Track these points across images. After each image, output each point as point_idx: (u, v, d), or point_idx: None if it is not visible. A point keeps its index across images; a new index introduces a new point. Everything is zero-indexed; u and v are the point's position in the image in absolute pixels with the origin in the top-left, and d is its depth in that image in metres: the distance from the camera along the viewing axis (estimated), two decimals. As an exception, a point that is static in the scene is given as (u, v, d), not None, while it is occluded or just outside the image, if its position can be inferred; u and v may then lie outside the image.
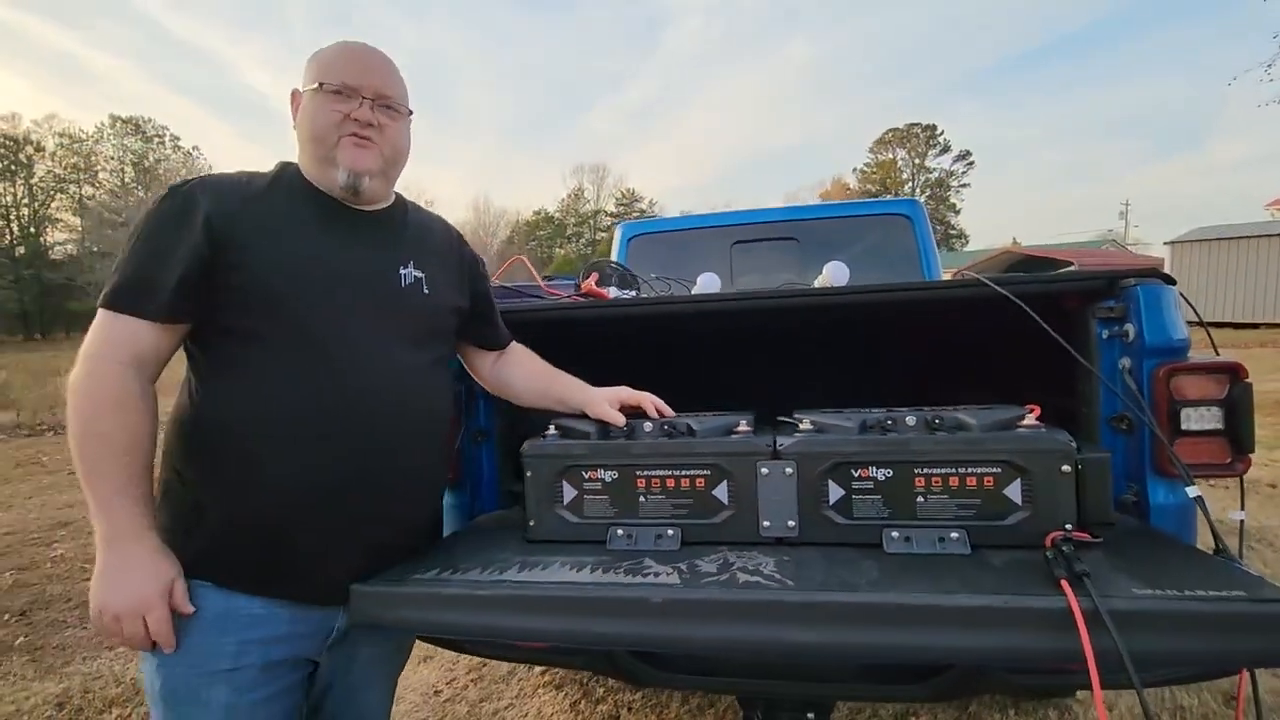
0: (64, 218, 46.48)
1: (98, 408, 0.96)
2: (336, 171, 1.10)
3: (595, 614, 0.97)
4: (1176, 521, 1.22)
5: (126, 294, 0.98)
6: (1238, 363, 1.21)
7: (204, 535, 1.02)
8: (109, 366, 0.97)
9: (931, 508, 1.12)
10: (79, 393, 0.96)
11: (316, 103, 1.10)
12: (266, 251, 1.03)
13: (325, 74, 1.10)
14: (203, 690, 1.00)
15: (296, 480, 1.02)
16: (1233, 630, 0.82)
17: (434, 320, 1.21)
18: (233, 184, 1.08)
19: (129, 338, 0.98)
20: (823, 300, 1.43)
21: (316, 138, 1.10)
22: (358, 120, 1.09)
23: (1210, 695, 2.15)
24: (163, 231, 1.01)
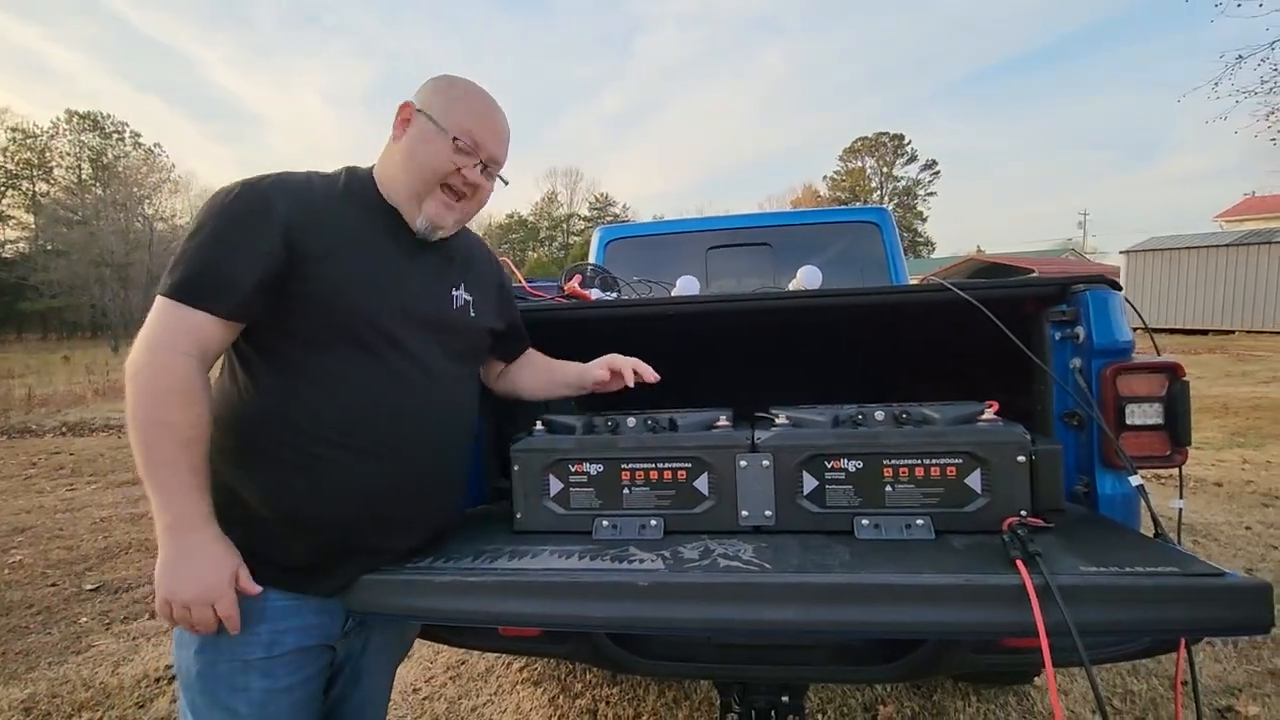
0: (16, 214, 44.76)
1: (162, 397, 0.95)
2: (419, 216, 1.11)
3: (585, 597, 1.02)
4: (1123, 510, 1.31)
5: (197, 287, 0.97)
6: (1176, 362, 1.31)
7: (242, 533, 1.02)
8: (173, 357, 0.96)
9: (899, 496, 1.19)
10: (142, 381, 0.95)
11: (438, 145, 1.09)
12: (342, 264, 1.04)
13: (456, 122, 1.09)
14: (239, 678, 1.03)
15: (355, 485, 1.05)
16: (1167, 601, 0.90)
17: (476, 340, 1.25)
18: (306, 188, 1.07)
19: (195, 330, 0.97)
20: (798, 303, 1.50)
21: (421, 175, 1.09)
22: (465, 179, 1.11)
23: (1158, 681, 2.27)
24: (237, 228, 1.00)
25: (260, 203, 1.01)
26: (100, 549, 4.03)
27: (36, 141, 44.40)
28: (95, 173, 43.65)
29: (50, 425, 9.09)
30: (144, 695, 2.37)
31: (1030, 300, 1.45)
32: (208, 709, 1.04)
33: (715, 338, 1.36)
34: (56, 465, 6.59)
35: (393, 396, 1.07)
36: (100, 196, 38.73)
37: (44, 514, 4.85)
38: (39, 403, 10.93)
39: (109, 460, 6.78)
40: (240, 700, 1.03)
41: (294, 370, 1.04)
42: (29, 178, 44.38)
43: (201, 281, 0.97)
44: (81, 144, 44.97)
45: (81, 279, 32.40)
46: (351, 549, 1.08)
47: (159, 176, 41.35)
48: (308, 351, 1.03)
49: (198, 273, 0.98)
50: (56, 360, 19.85)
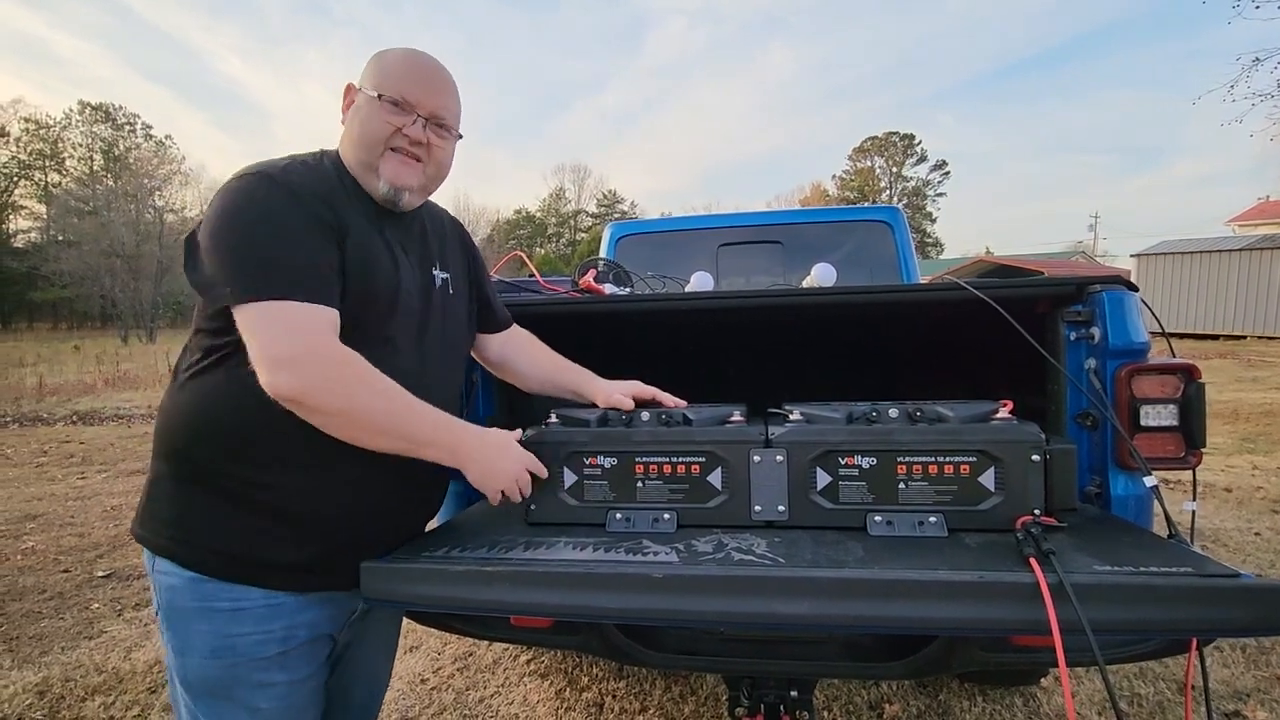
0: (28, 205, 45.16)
1: (351, 375, 0.95)
2: (378, 182, 1.10)
3: (600, 588, 1.02)
4: (1135, 511, 1.32)
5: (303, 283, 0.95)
6: (1192, 364, 1.31)
7: (247, 537, 1.01)
8: (322, 340, 0.94)
9: (912, 494, 1.19)
10: (321, 378, 0.93)
11: (371, 110, 1.08)
12: (364, 253, 1.04)
13: (386, 83, 1.08)
14: (260, 674, 1.03)
15: (361, 479, 1.06)
16: (1181, 601, 0.91)
17: (458, 316, 1.26)
18: (320, 179, 1.06)
19: (318, 317, 0.95)
20: (813, 300, 1.50)
21: (365, 144, 1.09)
22: (408, 137, 1.09)
23: (1165, 685, 2.27)
24: (300, 221, 0.98)
25: (288, 191, 1.00)
26: (111, 536, 4.07)
27: (49, 132, 44.76)
28: (107, 164, 43.96)
29: (61, 414, 9.18)
30: (156, 680, 2.40)
31: (1045, 300, 1.45)
32: (224, 711, 1.04)
33: (730, 334, 1.36)
34: (67, 454, 6.65)
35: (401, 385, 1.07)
36: (111, 188, 38.96)
37: (55, 501, 4.90)
38: (50, 391, 11.03)
39: (119, 449, 6.85)
40: (262, 696, 1.04)
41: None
42: (41, 168, 44.78)
43: (299, 275, 0.95)
44: (93, 135, 45.32)
45: (92, 269, 32.59)
46: (358, 543, 1.08)
47: (170, 168, 41.55)
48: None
49: (299, 267, 0.96)
50: (67, 349, 20.01)
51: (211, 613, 1.02)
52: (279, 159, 1.07)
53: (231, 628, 1.02)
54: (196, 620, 1.02)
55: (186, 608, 1.02)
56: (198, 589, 1.01)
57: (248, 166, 1.04)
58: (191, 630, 1.03)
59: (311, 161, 1.10)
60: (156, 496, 1.06)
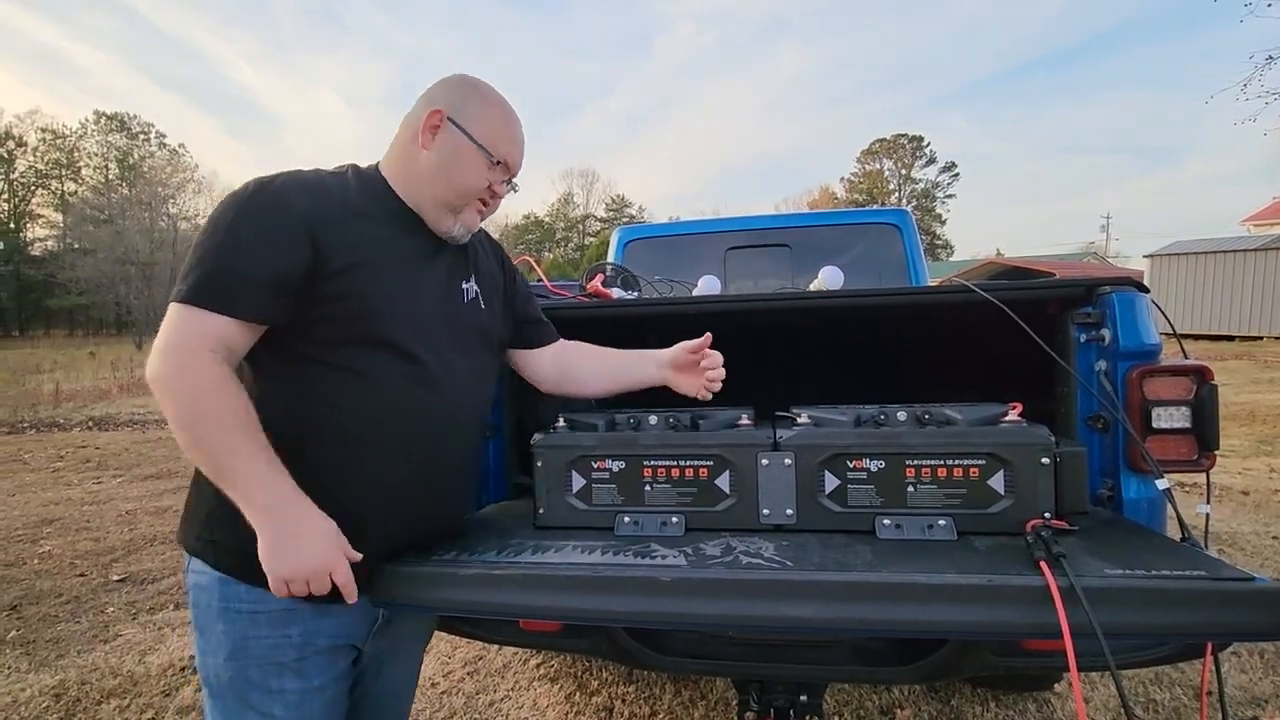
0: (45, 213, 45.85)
1: (204, 393, 0.93)
2: (453, 225, 1.14)
3: (609, 591, 1.03)
4: (1147, 514, 1.30)
5: (214, 290, 0.95)
6: (1205, 365, 1.30)
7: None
8: (200, 356, 0.93)
9: (921, 497, 1.19)
10: (176, 386, 0.92)
11: (475, 163, 1.11)
12: (368, 267, 1.04)
13: (496, 143, 1.12)
14: (273, 681, 1.03)
15: (382, 485, 1.06)
16: (1194, 605, 0.90)
17: (488, 333, 1.25)
18: (323, 187, 1.06)
19: (216, 332, 0.95)
20: (820, 303, 1.50)
21: (456, 191, 1.11)
22: (495, 195, 1.16)
23: (1181, 690, 2.24)
24: (255, 228, 0.98)
25: (276, 201, 1.00)
26: (126, 541, 4.12)
27: (65, 142, 45.46)
28: (122, 172, 44.56)
29: (77, 419, 9.29)
30: (170, 684, 2.42)
31: (1055, 302, 1.44)
32: (241, 713, 1.04)
33: (737, 337, 1.36)
34: (83, 459, 6.73)
35: (416, 395, 1.08)
36: (126, 196, 39.47)
37: (71, 506, 4.96)
38: (66, 397, 11.17)
39: (134, 454, 6.92)
40: (275, 703, 1.04)
41: (317, 371, 1.03)
42: (58, 177, 45.46)
43: (220, 284, 0.95)
44: (109, 144, 45.99)
45: (107, 277, 32.98)
46: (381, 549, 1.08)
47: (183, 176, 42.05)
48: (331, 352, 1.02)
49: (215, 275, 0.95)
50: (83, 356, 20.25)
51: (232, 614, 1.03)
52: (297, 170, 1.08)
53: (248, 630, 1.02)
54: (218, 621, 1.03)
55: (211, 608, 1.04)
56: (222, 590, 1.03)
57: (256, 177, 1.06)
58: (213, 631, 1.04)
59: (317, 177, 1.09)
60: (194, 496, 1.09)
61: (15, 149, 44.05)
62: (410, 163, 1.12)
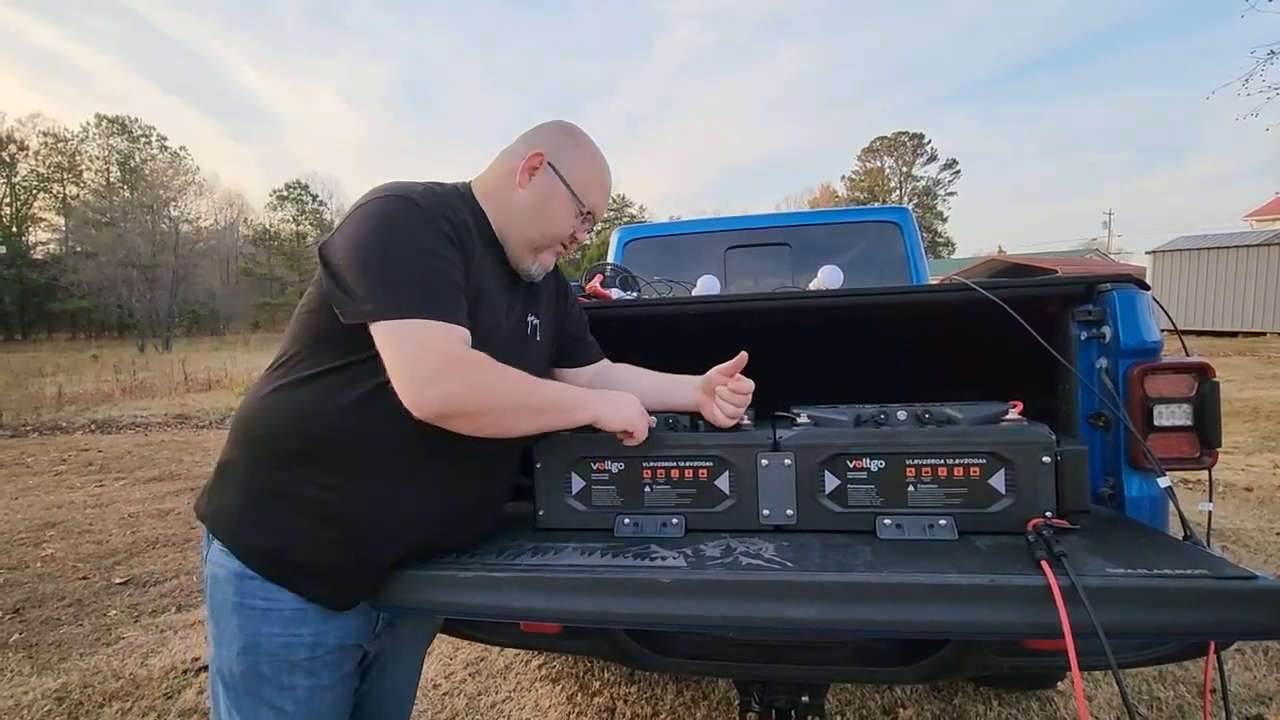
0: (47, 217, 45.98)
1: (488, 372, 0.99)
2: (532, 264, 1.18)
3: (609, 593, 1.02)
4: (1149, 512, 1.30)
5: (439, 302, 0.98)
6: (1206, 362, 1.29)
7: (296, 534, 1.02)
8: (459, 352, 0.98)
9: (921, 496, 1.19)
10: (464, 383, 0.97)
11: (565, 210, 1.16)
12: (478, 291, 1.08)
13: (587, 193, 1.16)
14: (285, 677, 1.04)
15: (424, 509, 1.08)
16: (1197, 604, 0.89)
17: (539, 362, 1.27)
18: (448, 206, 1.08)
19: (455, 335, 0.98)
20: (820, 303, 1.50)
21: (543, 232, 1.16)
22: (575, 240, 1.20)
23: (1185, 688, 2.23)
24: (440, 243, 1.01)
25: (445, 222, 1.03)
26: (128, 543, 4.12)
27: (67, 146, 45.56)
28: (123, 175, 44.68)
29: (80, 422, 9.31)
30: (172, 687, 2.42)
31: (1055, 300, 1.44)
32: (253, 707, 1.05)
33: (736, 337, 1.36)
34: (86, 462, 6.75)
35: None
36: (128, 199, 39.58)
37: (74, 509, 4.97)
38: (69, 400, 11.20)
39: (136, 457, 6.93)
40: (287, 699, 1.05)
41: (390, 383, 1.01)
42: (60, 181, 45.56)
43: (442, 296, 0.98)
44: (110, 147, 46.13)
45: (109, 280, 33.07)
46: (405, 559, 1.09)
47: (184, 179, 42.18)
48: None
49: (435, 288, 0.98)
50: (85, 359, 20.31)
51: (246, 610, 1.04)
52: (414, 183, 1.09)
53: (261, 627, 1.03)
54: (231, 615, 1.04)
55: (226, 601, 1.05)
56: (238, 585, 1.04)
57: (384, 186, 1.06)
58: (227, 624, 1.05)
59: (443, 193, 1.12)
60: (224, 479, 1.08)
61: (17, 153, 44.18)
62: (504, 198, 1.16)
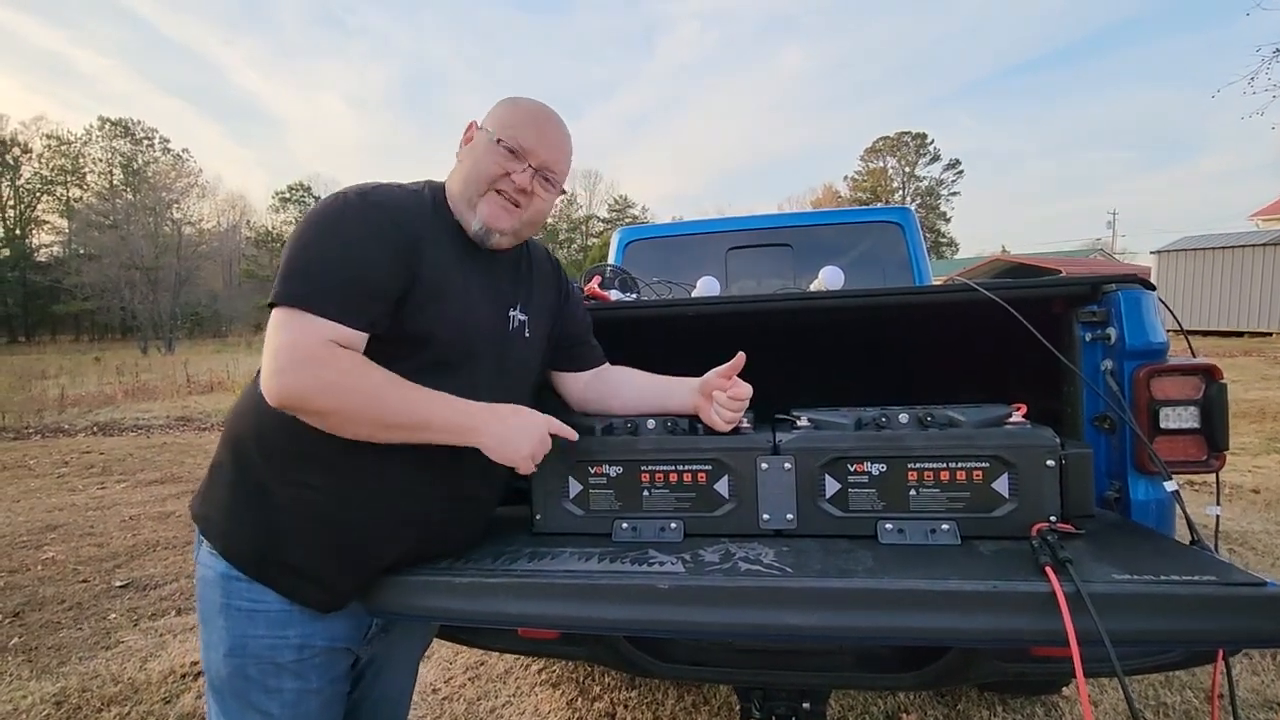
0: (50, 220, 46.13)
1: (352, 373, 0.94)
2: (473, 220, 1.13)
3: (605, 599, 1.01)
4: (1156, 516, 1.28)
5: (327, 298, 0.95)
6: (1213, 364, 1.27)
7: (281, 531, 1.01)
8: (326, 348, 0.94)
9: (923, 501, 1.17)
10: (311, 378, 0.92)
11: (487, 151, 1.12)
12: (437, 285, 1.06)
13: (505, 129, 1.12)
14: (271, 680, 1.03)
15: (410, 508, 1.06)
16: (1205, 611, 0.87)
17: (527, 364, 1.24)
18: (410, 204, 1.07)
19: (328, 333, 0.95)
20: (820, 304, 1.48)
21: (472, 180, 1.12)
22: (515, 183, 1.12)
23: (1192, 693, 2.21)
24: (362, 239, 0.99)
25: (378, 214, 1.02)
26: (129, 546, 4.11)
27: (70, 148, 45.72)
28: (126, 178, 44.82)
29: (82, 425, 9.31)
30: (170, 691, 2.41)
31: (1059, 300, 1.42)
32: (240, 710, 1.05)
33: (736, 339, 1.34)
34: (88, 464, 6.74)
35: None
36: (131, 201, 39.69)
37: (75, 512, 4.96)
38: (71, 403, 11.21)
39: (138, 459, 6.93)
40: (274, 702, 1.04)
41: None
42: (63, 183, 45.72)
43: (332, 293, 0.96)
44: (113, 150, 46.27)
45: (112, 282, 33.15)
46: (394, 564, 1.08)
47: (187, 181, 42.32)
48: (387, 366, 1.01)
49: (326, 283, 0.96)
50: (88, 361, 20.36)
51: (232, 611, 1.03)
52: (386, 184, 1.10)
53: (247, 629, 1.03)
54: (219, 616, 1.04)
55: (214, 602, 1.05)
56: (224, 586, 1.04)
57: (355, 185, 1.07)
58: (214, 626, 1.05)
59: (408, 187, 1.13)
60: (215, 480, 1.08)
61: (20, 155, 44.35)
62: (451, 175, 1.17)
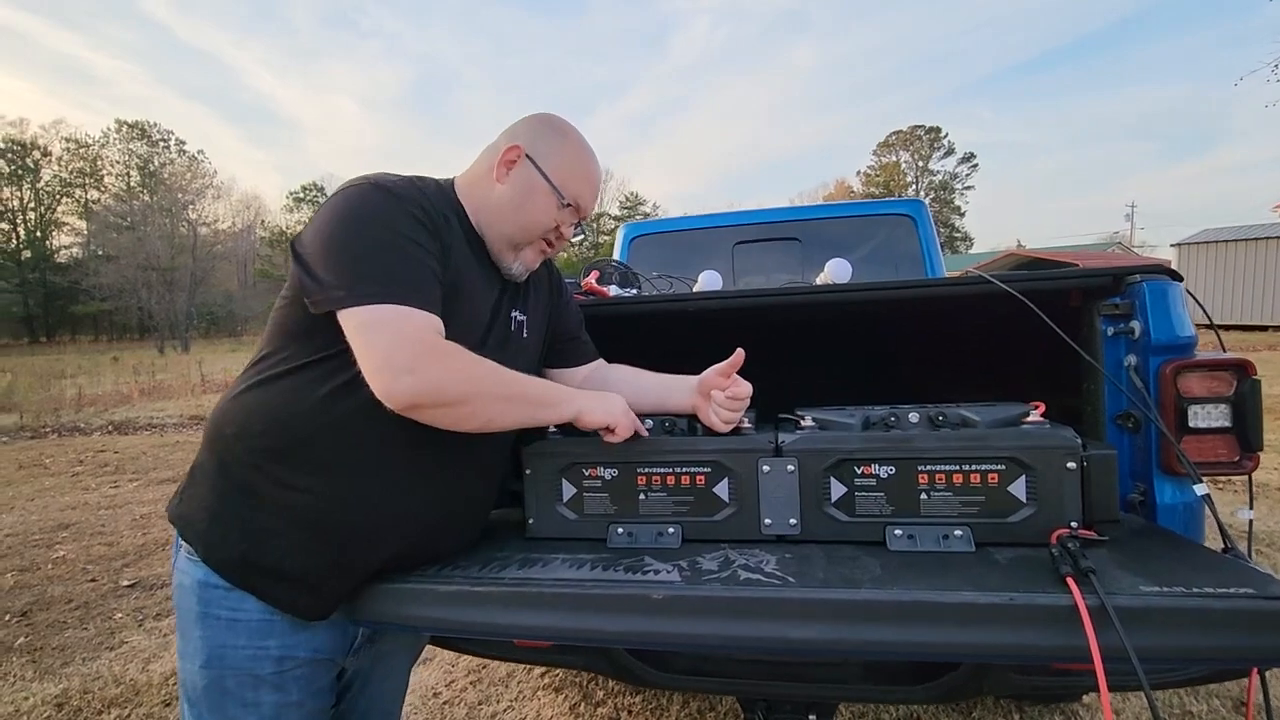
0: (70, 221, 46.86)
1: (465, 362, 0.95)
2: (514, 263, 1.12)
3: (595, 610, 0.96)
4: (1183, 521, 1.20)
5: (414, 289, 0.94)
6: (1246, 359, 1.19)
7: (263, 535, 0.97)
8: (435, 340, 0.93)
9: (935, 505, 1.10)
10: (442, 371, 0.92)
11: (546, 202, 1.10)
12: (455, 282, 1.03)
13: (568, 183, 1.10)
14: (249, 693, 0.99)
15: (403, 507, 1.02)
16: (1241, 627, 0.81)
17: (523, 361, 1.20)
18: (423, 196, 1.04)
19: (430, 323, 0.94)
20: (826, 298, 1.42)
21: (522, 227, 1.10)
22: (561, 236, 1.13)
23: (1220, 702, 2.12)
24: (410, 229, 0.97)
25: (414, 207, 0.99)
26: (139, 545, 4.12)
27: (89, 151, 46.39)
28: (143, 179, 45.40)
29: (98, 424, 9.41)
30: (171, 693, 2.39)
31: (1079, 293, 1.35)
32: None
33: (738, 335, 1.28)
34: (102, 463, 6.80)
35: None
36: (147, 203, 40.19)
37: (88, 510, 4.99)
38: (88, 402, 11.34)
39: (151, 458, 6.98)
40: (251, 715, 1.00)
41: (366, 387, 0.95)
42: (82, 185, 46.41)
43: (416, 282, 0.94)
44: (130, 152, 46.89)
45: (130, 283, 33.57)
46: (382, 569, 1.04)
47: (202, 182, 42.78)
48: None
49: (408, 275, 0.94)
50: (106, 361, 20.63)
51: (210, 620, 0.99)
52: (391, 174, 1.05)
53: (226, 639, 0.99)
54: (196, 626, 1.00)
55: (191, 611, 1.01)
56: (201, 593, 0.99)
57: (358, 177, 1.03)
58: (191, 635, 1.01)
59: (422, 185, 1.08)
60: (195, 481, 1.04)
61: (41, 159, 45.04)
62: (484, 194, 1.12)
